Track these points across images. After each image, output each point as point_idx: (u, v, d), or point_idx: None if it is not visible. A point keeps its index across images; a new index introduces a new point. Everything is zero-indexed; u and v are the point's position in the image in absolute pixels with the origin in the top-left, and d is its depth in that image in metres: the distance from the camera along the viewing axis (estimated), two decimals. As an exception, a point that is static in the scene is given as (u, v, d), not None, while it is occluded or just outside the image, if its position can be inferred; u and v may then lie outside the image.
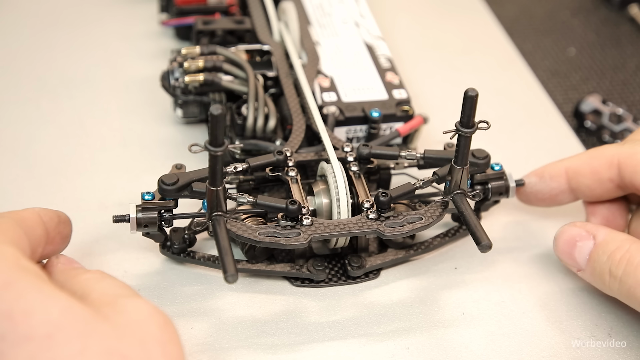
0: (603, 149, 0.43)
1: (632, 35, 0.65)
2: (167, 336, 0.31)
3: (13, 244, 0.32)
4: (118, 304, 0.31)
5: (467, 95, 0.36)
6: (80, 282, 0.33)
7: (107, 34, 0.59)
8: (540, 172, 0.44)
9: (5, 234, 0.32)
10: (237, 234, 0.38)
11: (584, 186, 0.43)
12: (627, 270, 0.38)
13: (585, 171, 0.42)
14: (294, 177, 0.42)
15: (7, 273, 0.29)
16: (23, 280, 0.30)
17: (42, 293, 0.29)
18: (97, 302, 0.31)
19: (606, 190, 0.42)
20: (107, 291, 0.32)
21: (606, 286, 0.39)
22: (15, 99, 0.53)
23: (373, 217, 0.40)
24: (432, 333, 0.40)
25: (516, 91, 0.58)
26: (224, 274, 0.34)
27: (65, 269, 0.35)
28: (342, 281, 0.42)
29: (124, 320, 0.31)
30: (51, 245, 0.37)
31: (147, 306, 0.32)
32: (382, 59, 0.52)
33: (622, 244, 0.39)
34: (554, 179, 0.44)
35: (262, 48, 0.51)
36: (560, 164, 0.44)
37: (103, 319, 0.30)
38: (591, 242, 0.40)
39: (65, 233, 0.38)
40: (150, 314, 0.32)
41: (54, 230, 0.37)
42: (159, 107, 0.53)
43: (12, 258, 0.31)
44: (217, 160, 0.35)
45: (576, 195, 0.44)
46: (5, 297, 0.29)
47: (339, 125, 0.47)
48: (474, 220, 0.38)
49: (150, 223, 0.39)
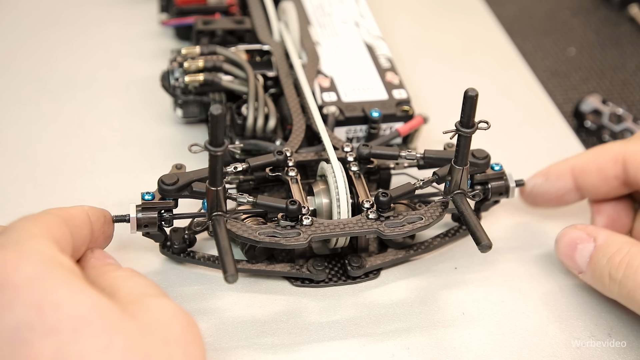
0: (608, 146, 0.43)
1: (632, 35, 0.65)
2: (190, 337, 0.32)
3: (53, 239, 0.32)
4: (143, 302, 0.32)
5: (467, 95, 0.36)
6: (110, 279, 0.34)
7: (107, 34, 0.59)
8: (546, 172, 0.44)
9: (48, 229, 0.33)
10: (237, 234, 0.38)
11: (589, 184, 0.43)
12: (626, 273, 0.38)
13: (591, 168, 0.42)
14: (294, 177, 0.42)
15: (41, 265, 0.30)
16: (55, 273, 0.30)
17: (72, 287, 0.30)
18: (124, 299, 0.32)
19: (612, 187, 0.42)
20: (134, 289, 0.33)
21: (606, 289, 0.39)
22: (15, 99, 0.53)
23: (373, 217, 0.40)
24: (432, 333, 0.40)
25: (516, 91, 0.57)
26: (224, 274, 0.34)
27: (97, 265, 0.36)
28: (342, 281, 0.42)
29: (149, 319, 0.31)
30: (94, 244, 0.37)
31: (171, 306, 0.32)
32: (382, 59, 0.51)
33: (622, 247, 0.39)
34: (560, 178, 0.43)
35: (262, 48, 0.51)
36: (565, 163, 0.44)
37: (129, 317, 0.30)
38: (592, 245, 0.40)
39: (108, 233, 0.38)
40: (174, 314, 0.32)
41: (99, 230, 0.37)
42: (158, 107, 0.53)
43: (48, 252, 0.31)
44: (217, 160, 0.35)
45: (582, 194, 0.44)
46: (36, 288, 0.29)
47: (338, 125, 0.47)
48: (474, 220, 0.38)
49: (151, 223, 0.39)
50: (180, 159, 0.44)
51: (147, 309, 0.32)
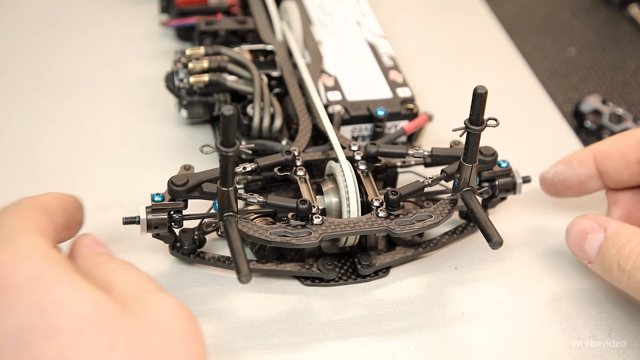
0: (631, 132, 0.43)
1: (632, 35, 0.65)
2: (191, 334, 0.31)
3: (42, 233, 0.32)
4: (142, 299, 0.31)
5: (476, 93, 0.36)
6: (104, 271, 0.33)
7: (107, 34, 0.59)
8: (568, 159, 0.44)
9: (34, 223, 0.32)
10: (248, 234, 0.38)
11: (612, 169, 0.43)
12: (635, 264, 0.38)
13: (614, 153, 0.43)
14: (302, 176, 0.42)
15: (39, 265, 0.30)
16: (54, 272, 0.30)
17: (73, 286, 0.29)
18: (122, 295, 0.31)
19: (634, 173, 0.43)
20: (131, 284, 0.32)
21: (615, 279, 0.39)
22: (15, 99, 0.52)
23: (383, 215, 0.40)
24: (432, 333, 0.40)
25: (516, 91, 0.58)
26: (238, 274, 0.34)
27: (89, 255, 0.35)
28: (352, 280, 0.42)
29: (150, 317, 0.30)
30: (68, 231, 0.36)
31: (171, 302, 0.32)
32: (384, 57, 0.52)
33: (632, 238, 0.39)
34: (582, 164, 0.44)
35: (265, 48, 0.51)
36: (587, 150, 0.44)
37: (131, 315, 0.30)
38: (602, 235, 0.40)
39: (79, 219, 0.38)
40: (174, 311, 0.32)
41: (72, 216, 0.36)
42: (160, 108, 0.52)
43: (43, 249, 0.31)
44: (228, 160, 0.35)
45: (604, 181, 0.44)
46: (37, 289, 0.29)
47: (344, 124, 0.47)
48: (484, 217, 0.38)
49: (161, 224, 0.39)
50: (186, 160, 0.44)
51: (147, 306, 0.31)
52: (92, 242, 0.36)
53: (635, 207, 0.44)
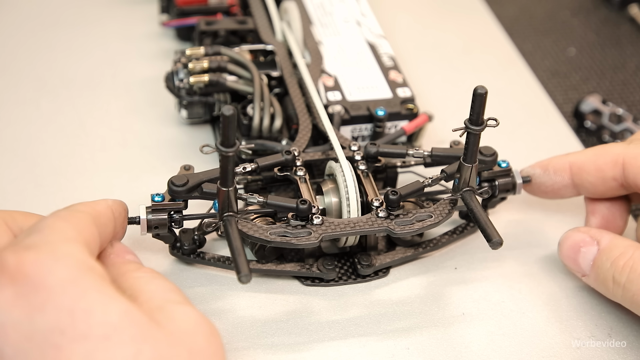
0: (608, 147, 0.43)
1: (632, 35, 0.65)
2: (213, 348, 0.32)
3: (85, 243, 0.32)
4: (167, 309, 0.32)
5: (476, 93, 0.36)
6: (131, 279, 0.34)
7: (107, 34, 0.59)
8: (545, 164, 0.44)
9: (80, 231, 0.33)
10: (248, 234, 0.38)
11: (587, 182, 0.43)
12: (630, 277, 0.38)
13: (590, 168, 0.42)
14: (302, 176, 0.42)
15: (74, 271, 0.30)
16: (87, 279, 0.30)
17: (103, 294, 0.30)
18: (148, 305, 0.32)
19: (609, 188, 0.42)
20: (157, 294, 0.33)
21: (610, 292, 0.39)
22: (15, 99, 0.52)
23: (383, 215, 0.40)
24: (432, 333, 0.40)
25: (516, 91, 0.58)
26: (238, 274, 0.34)
27: (118, 262, 0.36)
28: (352, 280, 0.42)
29: (174, 329, 0.31)
30: (115, 239, 0.37)
31: (195, 315, 0.32)
32: (384, 57, 0.52)
33: (626, 251, 0.38)
34: (557, 173, 0.44)
35: (265, 48, 0.51)
36: (565, 159, 0.44)
37: (157, 326, 0.30)
38: (595, 248, 0.40)
39: (125, 227, 0.38)
40: (198, 324, 0.32)
41: (120, 225, 0.37)
42: (159, 108, 0.52)
43: (81, 257, 0.31)
44: (228, 160, 0.35)
45: (579, 191, 0.44)
46: (69, 293, 0.29)
47: (344, 124, 0.47)
48: (484, 217, 0.38)
49: (161, 224, 0.39)
50: (185, 160, 0.44)
51: (171, 317, 0.31)
52: (122, 249, 0.37)
53: (613, 217, 0.44)
